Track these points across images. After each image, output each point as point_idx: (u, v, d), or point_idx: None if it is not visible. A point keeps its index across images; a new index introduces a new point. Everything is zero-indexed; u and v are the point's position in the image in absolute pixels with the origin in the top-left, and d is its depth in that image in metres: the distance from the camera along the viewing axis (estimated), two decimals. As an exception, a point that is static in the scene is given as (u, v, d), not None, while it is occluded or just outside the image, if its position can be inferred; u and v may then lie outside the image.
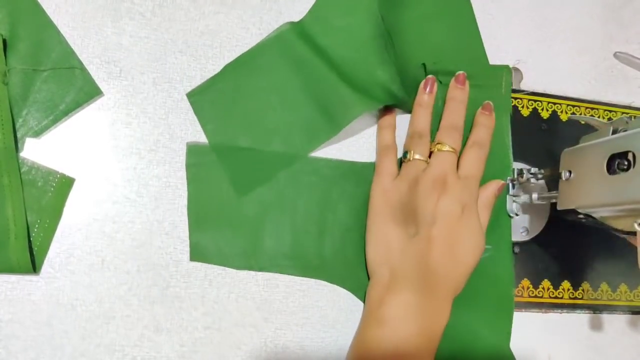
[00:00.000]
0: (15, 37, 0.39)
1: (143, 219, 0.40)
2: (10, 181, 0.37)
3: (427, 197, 0.39)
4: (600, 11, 0.54)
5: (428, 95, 0.44)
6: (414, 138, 0.43)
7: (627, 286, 0.49)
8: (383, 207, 0.42)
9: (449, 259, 0.39)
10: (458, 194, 0.40)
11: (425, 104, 0.44)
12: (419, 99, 0.44)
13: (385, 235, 0.41)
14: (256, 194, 0.42)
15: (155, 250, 0.40)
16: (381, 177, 0.43)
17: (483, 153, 0.43)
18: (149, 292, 0.39)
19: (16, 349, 0.37)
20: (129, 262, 0.39)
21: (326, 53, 0.44)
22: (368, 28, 0.45)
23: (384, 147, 0.44)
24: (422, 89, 0.44)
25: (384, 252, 0.41)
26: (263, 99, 0.43)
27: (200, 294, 0.40)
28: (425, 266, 0.38)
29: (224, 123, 0.42)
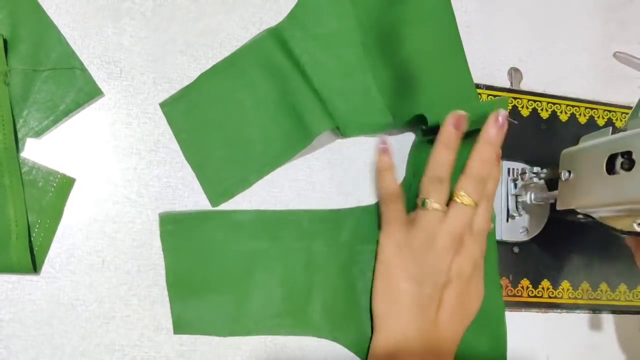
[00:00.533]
0: (16, 37, 0.39)
1: (143, 219, 0.40)
2: (11, 181, 0.37)
3: (443, 255, 0.38)
4: (600, 11, 0.54)
5: (456, 134, 0.39)
6: (433, 183, 0.39)
7: (627, 286, 0.49)
8: (396, 262, 0.40)
9: (457, 319, 0.39)
10: (472, 253, 0.39)
11: (451, 144, 0.39)
12: (444, 137, 0.39)
13: (398, 291, 0.39)
14: (238, 255, 0.40)
15: (156, 251, 0.40)
16: (392, 227, 0.40)
17: (490, 207, 0.41)
18: (149, 292, 0.39)
19: (17, 348, 0.37)
20: (130, 262, 0.40)
21: (303, 60, 0.43)
22: (346, 35, 0.45)
23: (389, 194, 0.41)
24: (449, 125, 0.39)
25: (395, 308, 0.39)
26: (239, 108, 0.42)
27: (200, 294, 0.40)
28: (434, 326, 0.38)
29: (198, 133, 0.41)
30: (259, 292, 0.40)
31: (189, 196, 0.41)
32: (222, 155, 0.41)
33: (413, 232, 0.39)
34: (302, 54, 0.43)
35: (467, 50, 0.49)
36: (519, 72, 0.50)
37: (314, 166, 0.44)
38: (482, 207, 0.40)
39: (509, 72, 0.50)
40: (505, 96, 0.47)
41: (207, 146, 0.41)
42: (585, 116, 0.51)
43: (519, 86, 0.50)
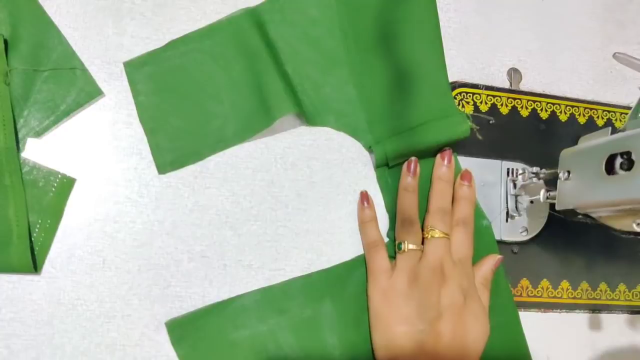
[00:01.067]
0: (17, 37, 0.39)
1: (144, 219, 0.40)
2: (12, 181, 0.37)
3: (429, 290, 0.39)
4: (599, 12, 0.54)
5: (412, 178, 0.42)
6: (405, 226, 0.42)
7: (626, 286, 0.49)
8: (385, 309, 0.40)
9: (458, 351, 0.39)
10: (458, 281, 0.40)
11: (410, 187, 0.42)
12: (403, 183, 0.43)
13: (393, 336, 0.40)
14: (250, 339, 0.40)
15: (156, 250, 0.40)
16: (377, 276, 0.41)
17: (469, 230, 0.42)
18: (149, 291, 0.40)
19: (17, 347, 0.37)
20: (130, 262, 0.40)
21: (278, 45, 0.43)
22: (326, 26, 0.44)
23: (371, 243, 0.42)
24: (405, 172, 0.43)
25: (395, 353, 0.39)
26: (203, 80, 0.42)
27: (200, 294, 0.40)
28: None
29: (157, 98, 0.41)
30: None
31: (189, 196, 0.41)
32: (177, 124, 0.41)
33: (395, 277, 0.41)
34: (278, 40, 0.43)
35: (466, 51, 0.49)
36: (518, 73, 0.50)
37: (314, 166, 0.44)
38: (457, 234, 0.42)
39: (509, 73, 0.50)
40: (465, 113, 0.44)
41: (164, 113, 0.41)
42: (584, 116, 0.51)
43: (518, 86, 0.50)
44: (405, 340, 0.39)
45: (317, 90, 0.44)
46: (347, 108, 0.44)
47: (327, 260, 0.43)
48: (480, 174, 0.47)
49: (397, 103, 0.44)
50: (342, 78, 0.44)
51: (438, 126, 0.43)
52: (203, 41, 0.42)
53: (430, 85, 0.44)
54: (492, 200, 0.47)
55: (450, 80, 0.48)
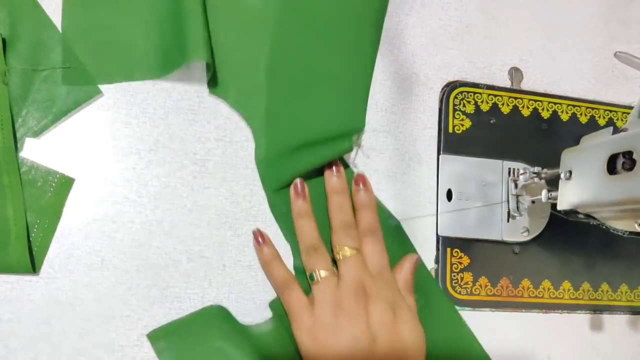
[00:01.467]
0: (15, 36, 0.39)
1: (142, 219, 0.40)
2: (10, 181, 0.37)
3: (356, 317, 0.37)
4: (601, 11, 0.54)
5: (303, 201, 0.40)
6: (310, 254, 0.39)
7: (628, 286, 0.49)
8: (316, 350, 0.37)
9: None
10: (382, 296, 0.38)
11: (304, 211, 0.40)
12: (295, 209, 0.40)
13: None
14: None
15: (155, 250, 0.40)
16: (298, 316, 0.38)
17: (379, 237, 0.40)
18: (148, 292, 0.39)
19: (15, 347, 0.37)
20: (129, 262, 0.39)
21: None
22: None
23: (282, 283, 0.40)
24: (294, 197, 0.40)
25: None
26: (133, 8, 0.40)
27: (199, 294, 0.40)
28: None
29: (84, 9, 0.40)
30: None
31: (187, 196, 0.41)
32: (96, 40, 0.40)
33: (317, 311, 0.38)
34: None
35: (467, 50, 0.48)
36: (519, 72, 0.50)
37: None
38: (367, 245, 0.40)
39: (510, 72, 0.50)
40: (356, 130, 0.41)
41: (86, 25, 0.40)
42: (586, 116, 0.51)
43: (520, 86, 0.50)
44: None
45: (229, 51, 0.42)
46: (251, 86, 0.42)
47: (327, 261, 0.43)
48: (481, 174, 0.47)
49: (302, 100, 0.42)
50: (258, 50, 0.42)
51: (323, 147, 0.41)
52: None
53: (343, 96, 0.41)
54: (493, 200, 0.47)
55: (451, 79, 0.48)
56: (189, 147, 0.42)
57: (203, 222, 0.41)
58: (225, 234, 0.41)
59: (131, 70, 0.41)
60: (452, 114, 0.47)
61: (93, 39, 0.40)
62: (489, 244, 0.46)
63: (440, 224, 0.45)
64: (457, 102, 0.47)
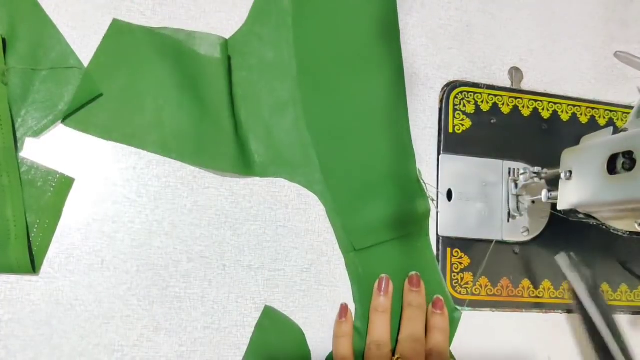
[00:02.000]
0: (15, 36, 0.39)
1: (142, 219, 0.40)
2: (10, 181, 0.37)
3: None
4: (601, 11, 0.54)
5: (384, 298, 0.41)
6: (372, 349, 0.40)
7: (628, 286, 0.49)
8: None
9: None
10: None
11: (382, 307, 0.41)
12: (374, 303, 0.41)
13: None
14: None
15: (155, 251, 0.40)
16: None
17: (443, 354, 0.41)
18: (148, 292, 0.39)
19: (15, 348, 0.37)
20: (129, 262, 0.39)
21: (235, 92, 0.42)
22: (281, 68, 0.43)
23: (341, 359, 0.41)
24: (376, 291, 0.42)
25: None
26: (160, 82, 0.41)
27: (199, 294, 0.40)
28: None
29: (116, 65, 0.40)
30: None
31: (188, 196, 0.41)
32: (110, 97, 0.40)
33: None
34: (235, 85, 0.42)
35: (468, 50, 0.48)
36: (519, 72, 0.50)
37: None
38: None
39: (510, 72, 0.50)
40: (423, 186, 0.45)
41: (111, 79, 0.40)
42: (586, 116, 0.51)
43: (520, 86, 0.50)
44: None
45: (269, 135, 0.43)
46: (301, 157, 0.43)
47: (328, 261, 0.43)
48: (482, 174, 0.47)
49: (352, 156, 0.43)
50: (296, 121, 0.43)
51: (401, 211, 0.43)
52: (182, 47, 0.41)
53: (390, 141, 0.44)
54: (493, 200, 0.47)
55: (451, 79, 0.48)
56: (189, 147, 0.42)
57: (203, 222, 0.41)
58: (225, 234, 0.41)
59: (131, 136, 0.40)
60: (452, 113, 0.47)
61: (111, 91, 0.40)
62: (489, 244, 0.46)
63: (440, 224, 0.45)
64: (457, 102, 0.47)
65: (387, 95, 0.45)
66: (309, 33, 0.44)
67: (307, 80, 0.44)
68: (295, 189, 0.43)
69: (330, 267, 0.43)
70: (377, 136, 0.44)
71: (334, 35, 0.44)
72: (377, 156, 0.44)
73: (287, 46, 0.44)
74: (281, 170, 0.43)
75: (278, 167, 0.43)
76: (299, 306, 0.42)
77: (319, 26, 0.44)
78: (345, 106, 0.44)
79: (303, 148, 0.43)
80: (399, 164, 0.44)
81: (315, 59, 0.44)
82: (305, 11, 0.44)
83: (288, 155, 0.43)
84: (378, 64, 0.45)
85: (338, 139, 0.44)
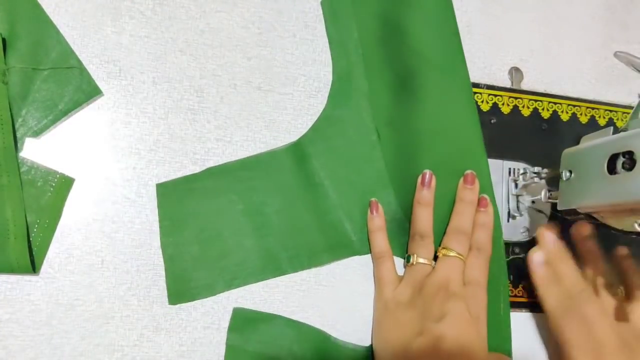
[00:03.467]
0: (15, 36, 0.39)
1: (142, 219, 0.40)
2: (9, 181, 0.37)
3: (432, 299, 0.38)
4: (601, 11, 0.54)
5: (427, 191, 0.42)
6: (415, 239, 0.42)
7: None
8: (385, 319, 0.40)
9: (460, 355, 0.37)
10: (465, 300, 0.39)
11: (424, 200, 0.42)
12: (417, 196, 0.43)
13: (394, 342, 0.39)
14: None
15: (155, 251, 0.40)
16: (382, 287, 0.41)
17: (485, 257, 0.41)
18: (148, 292, 0.39)
19: (15, 348, 0.37)
20: (129, 262, 0.39)
21: (322, 174, 0.43)
22: (367, 148, 0.44)
23: (379, 254, 0.42)
24: (419, 185, 0.43)
25: (392, 355, 0.39)
26: (230, 213, 0.41)
27: (199, 294, 0.40)
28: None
29: (181, 225, 0.40)
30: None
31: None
32: (195, 252, 0.40)
33: (400, 289, 0.41)
34: (321, 169, 0.43)
35: (468, 50, 0.48)
36: (519, 72, 0.50)
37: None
38: (471, 258, 0.41)
39: (510, 72, 0.50)
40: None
41: (186, 241, 0.40)
42: (586, 116, 0.51)
43: (520, 86, 0.50)
44: (405, 347, 0.38)
45: (364, 215, 0.43)
46: (396, 230, 0.44)
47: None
48: (481, 174, 0.46)
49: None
50: (391, 202, 0.44)
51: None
52: (238, 173, 0.42)
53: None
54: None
55: (451, 79, 0.48)
56: (189, 147, 0.42)
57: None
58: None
59: (233, 279, 0.41)
60: (452, 114, 0.47)
61: (192, 255, 0.40)
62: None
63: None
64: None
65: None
66: (384, 106, 0.45)
67: (391, 158, 0.44)
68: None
69: (330, 267, 0.43)
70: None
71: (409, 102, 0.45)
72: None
73: (367, 127, 0.44)
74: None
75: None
76: (299, 306, 0.42)
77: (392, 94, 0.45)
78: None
79: (398, 223, 0.44)
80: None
81: (394, 132, 0.44)
82: (379, 87, 0.45)
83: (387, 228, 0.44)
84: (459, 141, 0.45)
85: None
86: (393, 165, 0.44)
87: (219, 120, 0.42)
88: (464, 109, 0.45)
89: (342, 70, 0.45)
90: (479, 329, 0.39)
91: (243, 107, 0.43)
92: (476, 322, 0.39)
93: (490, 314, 0.41)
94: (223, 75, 0.43)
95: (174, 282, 0.39)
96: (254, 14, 0.44)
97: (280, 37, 0.45)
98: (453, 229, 0.42)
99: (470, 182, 0.43)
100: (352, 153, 0.44)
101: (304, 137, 0.43)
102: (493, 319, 0.42)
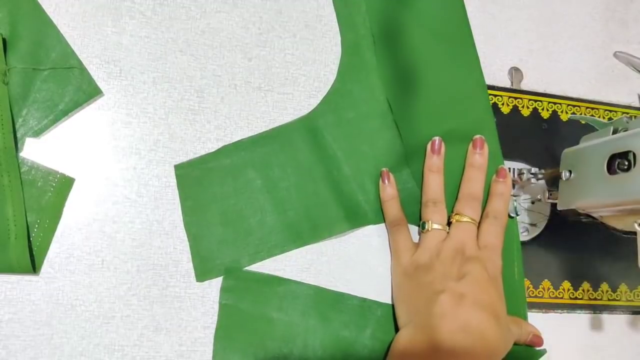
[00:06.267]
0: (15, 36, 0.39)
1: (143, 219, 0.40)
2: (10, 181, 0.37)
3: (450, 262, 0.39)
4: (601, 11, 0.54)
5: (437, 158, 0.42)
6: (428, 206, 0.42)
7: (627, 286, 0.49)
8: (406, 282, 0.41)
9: (484, 310, 0.37)
10: (482, 262, 0.39)
11: (435, 167, 0.42)
12: (428, 163, 0.43)
13: (416, 303, 0.39)
14: (283, 325, 0.41)
15: (155, 250, 0.40)
16: (399, 254, 0.42)
17: (500, 224, 0.41)
18: (148, 292, 0.39)
19: (16, 348, 0.37)
20: (129, 262, 0.39)
21: (332, 147, 0.43)
22: (376, 121, 0.44)
23: (393, 222, 0.43)
24: (429, 152, 0.43)
25: (420, 320, 0.39)
26: (247, 188, 0.42)
27: (199, 294, 0.40)
28: (467, 327, 0.36)
29: (203, 204, 0.41)
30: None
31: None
32: (219, 232, 0.41)
33: (417, 254, 0.41)
34: (334, 141, 0.43)
35: (468, 50, 0.48)
36: (519, 72, 0.50)
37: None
38: (486, 224, 0.41)
39: (510, 72, 0.50)
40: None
41: (207, 219, 0.41)
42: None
43: (520, 86, 0.50)
44: (427, 305, 0.38)
45: (377, 186, 0.44)
46: (409, 198, 0.44)
47: (327, 261, 0.43)
48: (481, 174, 0.46)
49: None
50: (402, 171, 0.44)
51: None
52: (252, 150, 0.42)
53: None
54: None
55: (451, 79, 0.48)
56: (189, 147, 0.42)
57: (203, 222, 0.41)
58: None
59: (257, 252, 0.41)
60: (452, 114, 0.47)
61: (216, 234, 0.41)
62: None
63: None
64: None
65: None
66: (394, 81, 0.45)
67: (405, 129, 0.44)
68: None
69: (330, 267, 0.43)
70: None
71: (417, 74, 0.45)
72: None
73: (377, 98, 0.45)
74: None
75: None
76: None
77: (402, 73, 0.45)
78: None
79: (412, 197, 0.44)
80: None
81: (407, 104, 0.44)
82: (388, 63, 0.45)
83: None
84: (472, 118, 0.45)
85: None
86: (403, 134, 0.44)
87: (219, 120, 0.43)
88: (471, 78, 0.45)
89: (350, 43, 0.45)
90: (498, 288, 0.39)
91: (243, 107, 0.43)
92: (495, 282, 0.39)
93: (505, 278, 0.41)
94: (223, 75, 0.43)
95: (200, 261, 0.40)
96: (254, 14, 0.44)
97: (280, 37, 0.45)
98: (465, 194, 0.42)
99: (480, 146, 0.43)
100: (362, 124, 0.44)
101: (314, 111, 0.44)
102: (508, 283, 0.42)
